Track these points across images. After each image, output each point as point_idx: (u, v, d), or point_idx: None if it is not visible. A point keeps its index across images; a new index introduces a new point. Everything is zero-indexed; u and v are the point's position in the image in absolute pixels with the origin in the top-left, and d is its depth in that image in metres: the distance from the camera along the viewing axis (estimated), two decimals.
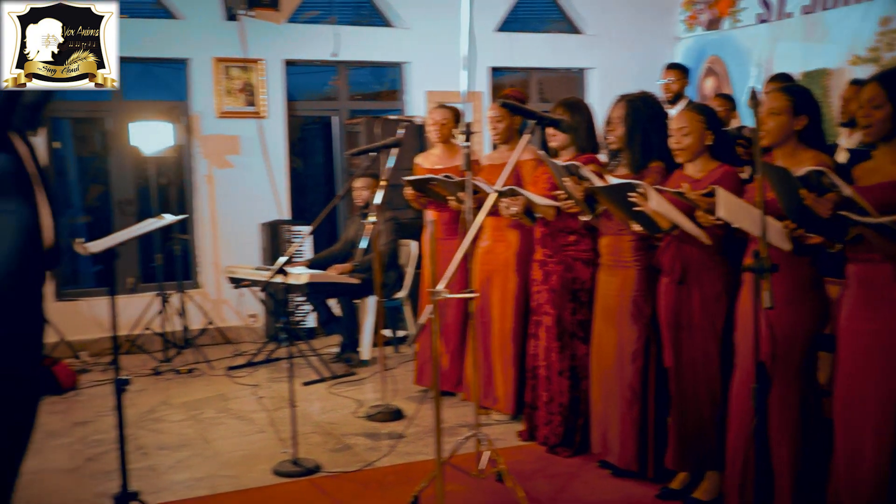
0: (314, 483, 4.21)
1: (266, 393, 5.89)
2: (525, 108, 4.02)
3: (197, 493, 4.11)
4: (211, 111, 7.30)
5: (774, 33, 7.62)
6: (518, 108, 4.00)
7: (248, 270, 6.54)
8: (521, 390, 4.98)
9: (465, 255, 4.53)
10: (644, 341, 4.05)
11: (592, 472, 4.27)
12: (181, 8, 7.22)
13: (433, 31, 7.93)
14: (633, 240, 4.01)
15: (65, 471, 4.42)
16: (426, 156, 5.82)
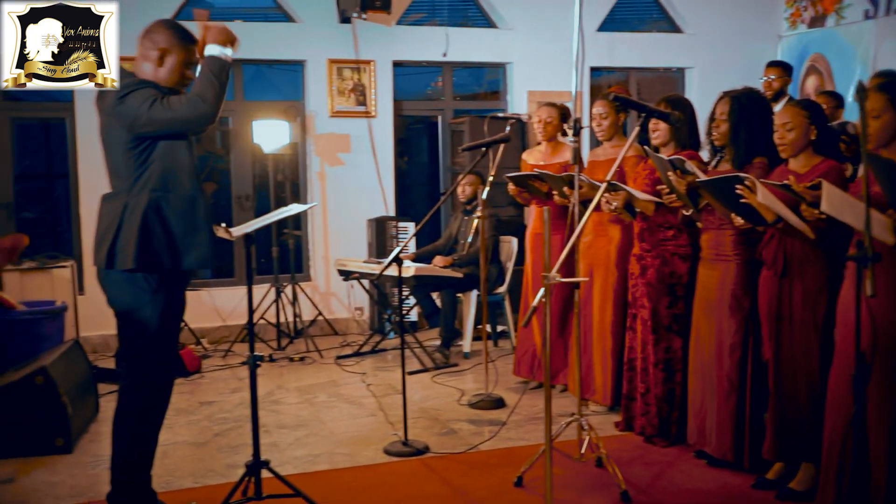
0: (423, 462, 4.47)
1: (373, 381, 6.18)
2: (636, 101, 4.14)
3: (316, 467, 4.41)
4: (324, 111, 7.65)
5: (881, 30, 7.52)
6: (629, 102, 4.13)
7: (358, 263, 6.85)
8: (618, 382, 5.14)
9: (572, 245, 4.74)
10: (743, 334, 4.16)
11: (689, 461, 4.40)
12: (298, 11, 7.59)
13: (536, 31, 8.12)
14: (734, 234, 4.13)
15: (195, 444, 4.78)
16: (531, 152, 6.02)
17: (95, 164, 6.85)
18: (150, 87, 3.29)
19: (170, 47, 3.38)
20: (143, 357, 3.43)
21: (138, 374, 3.44)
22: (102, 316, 6.87)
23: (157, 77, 3.37)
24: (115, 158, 3.40)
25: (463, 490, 4.09)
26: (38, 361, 4.73)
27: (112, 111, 3.29)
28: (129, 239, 3.31)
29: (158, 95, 3.24)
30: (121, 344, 3.53)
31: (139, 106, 3.21)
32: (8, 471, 4.36)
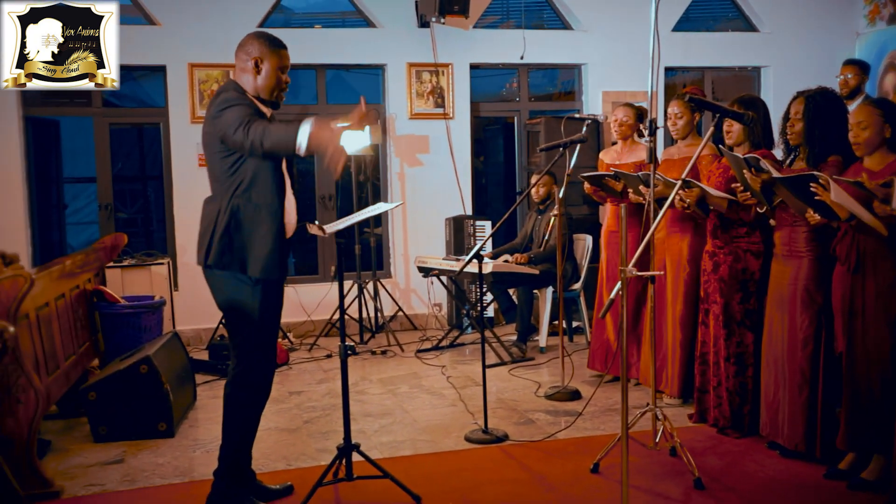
0: (502, 449, 4.67)
1: (452, 373, 6.40)
2: (710, 102, 4.26)
3: (400, 452, 4.64)
4: (404, 113, 7.91)
5: None
6: (704, 103, 4.24)
7: (438, 260, 7.08)
8: (688, 375, 5.27)
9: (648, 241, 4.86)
10: (815, 328, 4.27)
11: (761, 451, 4.52)
12: (379, 17, 7.86)
13: (611, 32, 8.25)
14: (807, 231, 4.23)
15: (287, 430, 5.06)
16: (607, 152, 6.16)
17: (188, 167, 7.31)
18: (247, 106, 3.51)
19: (262, 56, 3.61)
20: (249, 346, 3.69)
21: (248, 362, 3.70)
22: (195, 311, 7.32)
23: (257, 86, 3.62)
24: (212, 163, 3.66)
25: (541, 475, 4.28)
26: (143, 351, 5.06)
27: (212, 120, 3.55)
28: (217, 240, 3.58)
29: (247, 120, 3.41)
30: (229, 336, 3.77)
31: (230, 125, 3.44)
32: (116, 452, 4.70)
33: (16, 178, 7.07)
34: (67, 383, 4.89)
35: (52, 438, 4.90)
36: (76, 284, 5.37)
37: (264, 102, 3.68)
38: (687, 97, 4.29)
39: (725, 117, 4.03)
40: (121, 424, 4.85)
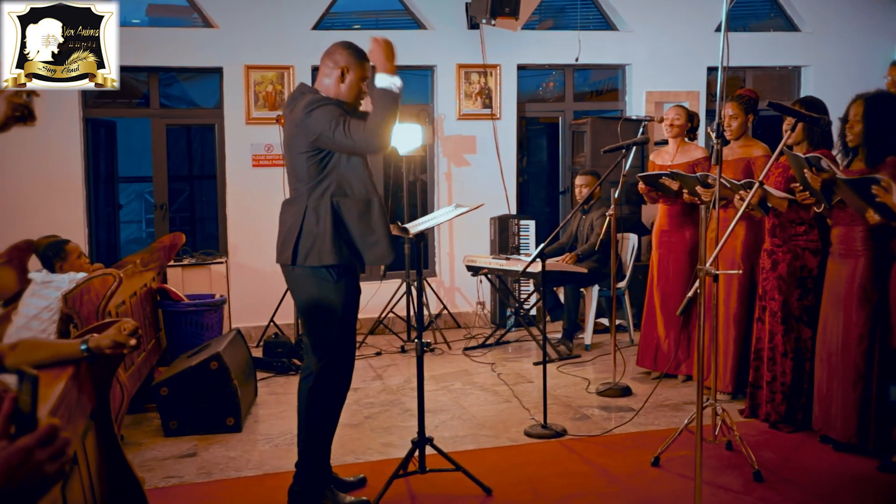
0: (562, 444, 4.80)
1: (501, 370, 6.52)
2: (787, 106, 4.30)
3: (464, 447, 4.77)
4: (452, 113, 8.04)
5: None
6: (781, 107, 4.29)
7: (487, 259, 7.21)
8: (740, 371, 5.39)
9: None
10: (871, 325, 4.37)
11: (814, 445, 4.63)
12: (430, 19, 8.00)
13: (655, 33, 8.33)
14: (864, 230, 4.33)
15: (350, 426, 5.20)
16: (658, 153, 6.26)
17: (242, 168, 7.48)
18: (335, 105, 3.68)
19: (349, 65, 3.77)
20: (333, 342, 3.83)
21: (331, 357, 3.83)
22: (247, 309, 7.49)
23: (339, 93, 3.76)
24: (298, 164, 3.78)
25: (603, 468, 4.40)
26: (211, 348, 5.22)
27: (300, 122, 3.69)
28: (318, 238, 3.71)
29: (342, 119, 3.61)
30: (309, 332, 3.88)
31: (326, 125, 3.60)
32: (188, 446, 4.86)
33: (76, 179, 7.26)
34: (140, 379, 5.06)
35: (124, 433, 5.05)
36: (144, 283, 5.55)
37: None
38: (767, 102, 4.36)
39: (802, 122, 4.12)
40: (191, 419, 5.01)
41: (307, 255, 3.73)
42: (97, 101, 7.65)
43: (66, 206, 7.22)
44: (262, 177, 7.50)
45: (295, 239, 3.75)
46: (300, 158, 3.75)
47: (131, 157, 10.30)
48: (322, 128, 3.61)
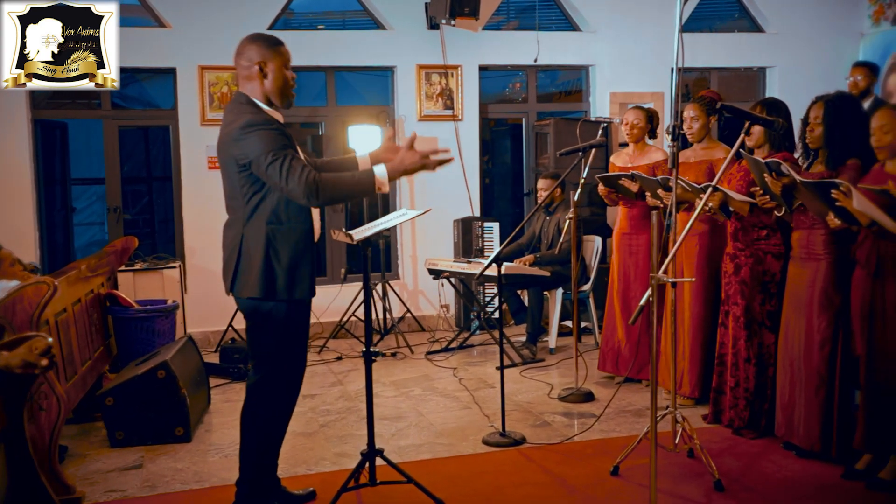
0: (521, 452, 4.68)
1: (463, 375, 6.40)
2: (740, 109, 4.24)
3: (420, 456, 4.65)
4: (413, 115, 7.91)
5: None
6: (734, 110, 4.22)
7: (448, 262, 7.08)
8: (704, 376, 5.30)
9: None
10: (833, 330, 4.30)
11: (777, 452, 4.55)
12: (389, 19, 7.86)
13: (619, 33, 8.25)
14: (825, 234, 4.25)
15: (304, 435, 5.06)
16: (619, 155, 6.17)
17: (198, 170, 7.30)
18: (277, 132, 3.41)
19: (265, 58, 3.50)
20: (269, 361, 3.65)
21: (266, 373, 3.66)
22: (204, 314, 7.31)
23: (267, 90, 3.52)
24: (231, 182, 3.55)
25: (562, 478, 4.29)
26: (159, 356, 5.05)
27: (233, 141, 3.44)
28: (250, 269, 3.50)
29: (282, 154, 3.33)
30: (250, 344, 3.72)
31: (261, 154, 3.34)
32: (134, 458, 4.69)
33: (25, 181, 7.05)
34: (84, 388, 4.89)
35: (68, 444, 4.89)
36: (90, 289, 5.37)
37: (276, 108, 3.59)
38: (718, 105, 4.28)
39: (756, 124, 4.03)
40: (138, 429, 4.84)
41: (244, 286, 3.54)
42: (49, 101, 7.44)
43: (15, 210, 7.00)
44: (219, 179, 7.17)
45: (234, 268, 3.55)
46: (234, 178, 3.52)
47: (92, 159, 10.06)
48: (255, 155, 3.37)
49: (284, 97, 3.58)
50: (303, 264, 3.55)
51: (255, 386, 3.67)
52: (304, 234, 3.57)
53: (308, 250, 3.59)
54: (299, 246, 3.55)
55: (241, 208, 3.53)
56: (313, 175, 3.34)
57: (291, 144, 3.49)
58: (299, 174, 3.32)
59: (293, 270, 3.53)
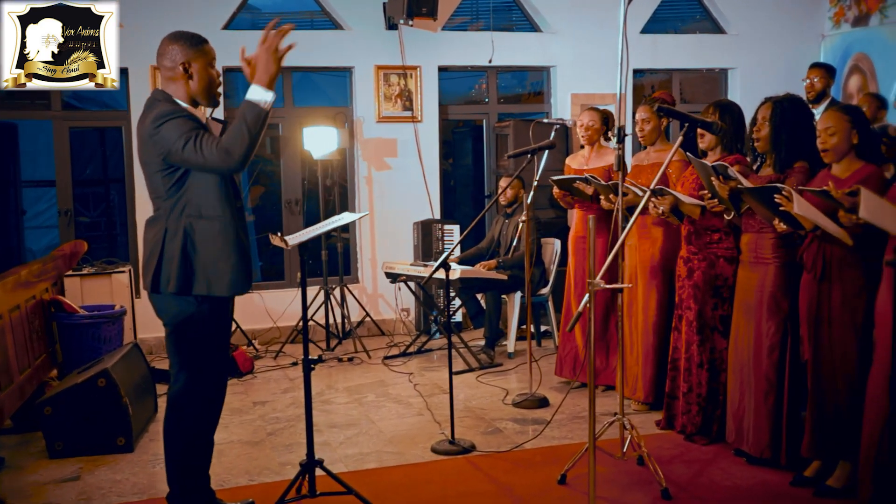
0: (469, 461, 4.60)
1: (419, 380, 6.32)
2: (678, 111, 4.22)
3: (366, 465, 4.56)
4: (371, 116, 7.81)
5: None
6: (672, 112, 4.20)
7: (405, 266, 7.00)
8: (659, 381, 5.24)
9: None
10: (781, 335, 4.25)
11: (728, 459, 4.50)
12: (346, 19, 7.75)
13: (579, 34, 8.19)
14: (774, 237, 4.20)
15: (250, 443, 4.96)
16: (574, 157, 6.11)
17: None
18: (185, 118, 3.34)
19: (188, 58, 3.42)
20: (192, 365, 3.54)
21: (187, 380, 3.54)
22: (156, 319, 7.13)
23: (192, 91, 3.44)
24: (153, 181, 3.47)
25: (508, 487, 4.22)
26: (100, 364, 4.93)
27: (148, 138, 3.36)
28: (171, 265, 3.41)
29: (193, 134, 3.28)
30: (170, 352, 3.60)
31: (175, 141, 3.28)
32: (73, 469, 4.57)
33: None
34: (22, 397, 4.77)
35: (6, 455, 4.76)
36: (32, 295, 5.24)
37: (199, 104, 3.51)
38: (655, 106, 4.23)
39: (694, 127, 3.97)
40: (78, 440, 4.72)
41: (162, 282, 3.44)
42: None
43: None
44: None
45: (155, 264, 3.45)
46: (156, 176, 3.43)
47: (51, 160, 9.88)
48: (170, 144, 3.30)
49: (210, 97, 3.51)
50: (222, 259, 3.46)
51: (179, 394, 3.55)
52: (224, 228, 3.47)
53: (230, 245, 3.48)
54: (219, 241, 3.46)
55: (163, 205, 3.45)
56: (223, 143, 3.30)
57: (202, 126, 3.40)
58: (211, 145, 3.28)
59: (212, 266, 3.45)
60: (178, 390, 3.54)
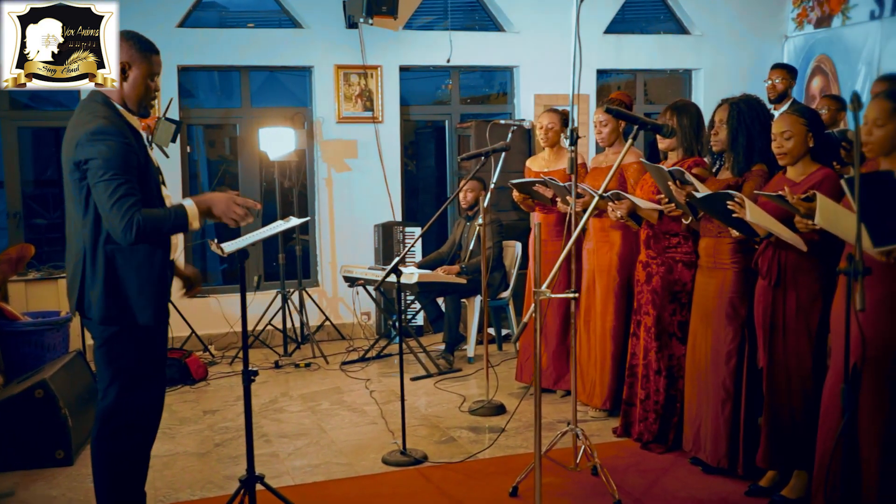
0: (420, 472, 4.47)
1: (377, 387, 6.18)
2: (628, 113, 4.13)
3: (314, 478, 4.42)
4: (332, 116, 7.66)
5: (886, 30, 7.43)
6: (621, 114, 4.11)
7: (363, 270, 6.86)
8: (618, 387, 5.13)
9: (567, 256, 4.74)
10: (739, 342, 4.16)
11: (684, 468, 4.40)
12: (305, 17, 7.60)
13: (543, 34, 8.08)
14: (732, 242, 4.11)
15: (196, 455, 4.80)
16: (535, 159, 6.01)
17: None
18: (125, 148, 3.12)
19: (130, 61, 3.25)
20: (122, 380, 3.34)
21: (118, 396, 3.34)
22: None
23: (124, 94, 3.26)
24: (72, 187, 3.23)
25: (458, 500, 4.10)
26: (39, 374, 4.76)
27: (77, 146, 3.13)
28: (93, 294, 3.22)
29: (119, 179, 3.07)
30: (98, 366, 3.39)
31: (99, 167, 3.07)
32: (8, 484, 4.40)
33: None
34: None
35: None
36: None
37: (132, 111, 3.32)
38: (605, 107, 4.14)
39: (644, 129, 3.87)
40: (14, 453, 4.54)
41: (88, 307, 3.25)
42: None
43: None
44: None
45: (79, 289, 3.25)
46: (76, 184, 3.19)
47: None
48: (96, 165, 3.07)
49: (140, 106, 3.32)
50: (146, 289, 3.26)
51: (108, 410, 3.36)
52: (148, 256, 3.27)
53: (155, 271, 3.30)
54: (145, 268, 3.26)
55: (81, 219, 3.23)
56: (138, 216, 3.07)
57: (140, 163, 3.20)
58: (126, 208, 3.06)
59: (135, 297, 3.25)
60: (106, 406, 3.36)
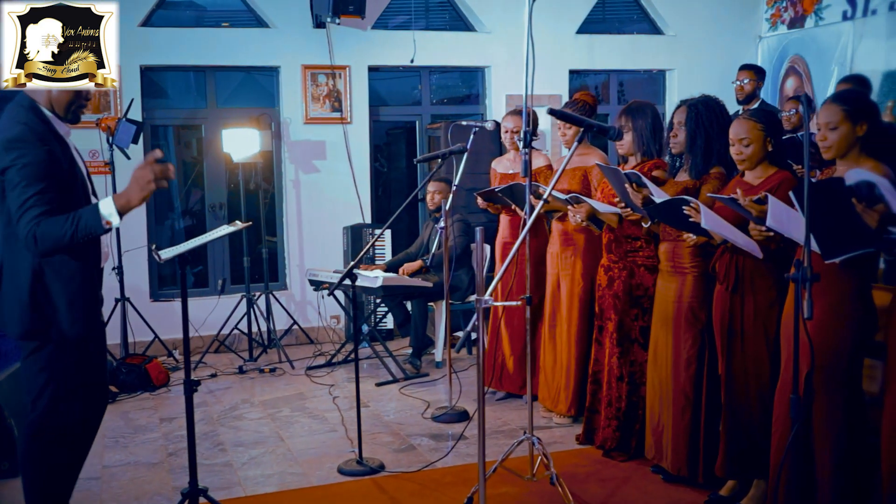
0: (376, 482, 4.38)
1: (342, 393, 6.08)
2: (570, 114, 4.05)
3: (266, 489, 4.32)
4: (299, 117, 7.55)
5: (858, 31, 7.40)
6: (564, 116, 4.04)
7: (328, 273, 6.75)
8: (581, 393, 5.05)
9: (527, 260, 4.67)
10: (699, 347, 4.08)
11: (645, 476, 4.32)
12: (272, 17, 7.48)
13: (513, 34, 7.99)
14: (692, 246, 4.02)
15: (147, 465, 4.69)
16: (500, 161, 5.94)
17: None
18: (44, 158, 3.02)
19: None
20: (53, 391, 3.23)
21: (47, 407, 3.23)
22: None
23: (52, 98, 3.15)
24: None
25: None
26: None
27: None
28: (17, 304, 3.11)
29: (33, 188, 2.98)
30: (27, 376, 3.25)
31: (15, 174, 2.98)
32: None
33: None
34: None
35: None
36: None
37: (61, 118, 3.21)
38: (547, 109, 4.07)
39: (590, 132, 3.79)
40: None
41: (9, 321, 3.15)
42: None
43: None
44: None
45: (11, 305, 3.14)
46: None
47: None
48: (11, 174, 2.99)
49: (69, 111, 3.21)
50: (79, 299, 3.16)
51: (37, 422, 3.24)
52: (81, 266, 3.17)
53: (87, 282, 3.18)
54: (76, 280, 3.15)
55: (3, 228, 3.13)
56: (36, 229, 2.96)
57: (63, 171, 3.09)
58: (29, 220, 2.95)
59: (69, 307, 3.14)
60: (35, 417, 3.25)
